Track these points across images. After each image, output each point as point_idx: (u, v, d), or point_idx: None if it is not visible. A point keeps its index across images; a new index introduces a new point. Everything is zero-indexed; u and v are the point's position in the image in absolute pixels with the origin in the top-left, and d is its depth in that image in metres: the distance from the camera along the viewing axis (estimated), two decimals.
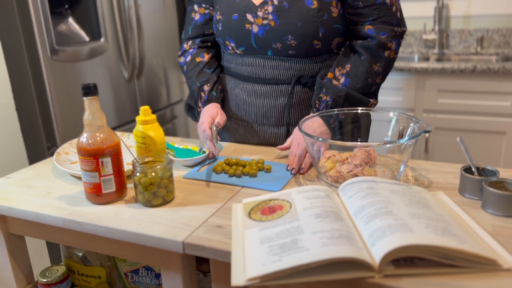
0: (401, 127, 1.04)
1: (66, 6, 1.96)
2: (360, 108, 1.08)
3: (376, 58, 1.12)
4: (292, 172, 1.01)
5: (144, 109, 0.96)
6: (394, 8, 1.11)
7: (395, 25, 1.12)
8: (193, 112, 1.31)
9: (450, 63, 2.15)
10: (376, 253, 0.64)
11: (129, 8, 2.12)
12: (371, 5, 1.10)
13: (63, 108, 1.85)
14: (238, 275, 0.65)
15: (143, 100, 2.38)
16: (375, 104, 1.16)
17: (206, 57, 1.30)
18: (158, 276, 1.06)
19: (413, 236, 0.64)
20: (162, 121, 2.55)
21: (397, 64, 2.23)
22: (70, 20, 1.99)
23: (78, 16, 2.00)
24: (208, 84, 1.25)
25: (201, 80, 1.27)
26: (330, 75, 1.15)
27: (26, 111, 1.83)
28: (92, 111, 0.89)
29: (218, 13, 1.22)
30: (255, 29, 1.15)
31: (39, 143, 1.87)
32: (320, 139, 0.92)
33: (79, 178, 1.06)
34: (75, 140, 1.26)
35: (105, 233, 0.83)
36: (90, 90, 0.87)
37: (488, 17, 2.55)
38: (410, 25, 2.72)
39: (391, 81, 2.25)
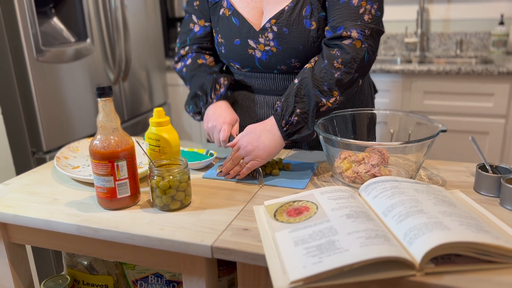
0: (410, 130, 1.06)
1: (51, 5, 1.89)
2: (349, 110, 1.08)
3: (331, 47, 1.02)
4: (218, 174, 1.02)
5: (158, 111, 0.93)
6: (361, 10, 1.00)
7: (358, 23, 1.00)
8: (196, 101, 1.19)
9: (435, 65, 2.20)
10: (415, 251, 0.64)
11: (116, 9, 2.06)
12: (335, 5, 1.02)
13: (49, 111, 1.78)
14: (279, 279, 0.64)
15: (128, 103, 2.33)
16: (338, 99, 1.01)
17: (209, 59, 1.24)
18: (168, 283, 1.03)
19: (451, 234, 0.65)
20: (146, 124, 2.50)
21: (383, 66, 2.27)
22: (55, 20, 1.92)
23: (63, 16, 1.93)
24: (226, 79, 1.19)
25: (217, 73, 1.19)
26: None
27: (10, 115, 1.75)
28: (106, 113, 0.85)
29: (220, 35, 1.18)
30: (258, 54, 1.13)
31: (24, 148, 1.79)
32: (338, 138, 0.92)
33: (84, 183, 1.02)
34: (73, 144, 1.22)
35: (125, 240, 0.80)
36: (104, 91, 0.84)
37: (466, 21, 2.64)
38: (392, 29, 2.78)
39: (378, 83, 2.28)
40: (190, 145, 1.26)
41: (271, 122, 1.01)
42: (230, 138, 1.07)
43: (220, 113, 1.12)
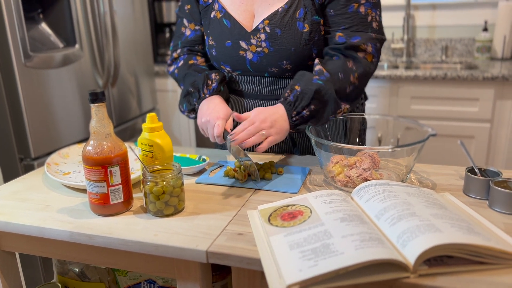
0: (399, 135, 1.08)
1: (39, 11, 1.88)
2: (346, 114, 1.10)
3: (348, 57, 1.06)
4: (231, 139, 0.97)
5: (151, 116, 0.93)
6: (369, 18, 1.06)
7: (370, 32, 1.07)
8: (189, 98, 1.19)
9: (422, 70, 2.24)
10: (409, 253, 0.65)
11: (105, 14, 2.06)
12: (343, 13, 1.07)
13: (37, 117, 1.76)
14: (275, 283, 0.64)
15: (116, 108, 2.31)
16: (346, 110, 1.09)
17: (200, 60, 1.25)
18: None
19: (444, 236, 0.66)
20: (135, 130, 2.49)
21: None
22: (43, 25, 1.90)
23: (51, 21, 1.91)
24: (217, 74, 1.18)
25: (208, 70, 1.20)
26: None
27: None
28: (99, 118, 0.85)
29: (211, 38, 1.18)
30: (249, 55, 1.14)
31: (11, 155, 1.76)
32: (331, 143, 0.93)
33: (76, 189, 1.01)
34: (63, 150, 1.21)
35: (119, 246, 0.79)
36: (97, 96, 0.84)
37: (451, 28, 2.69)
38: None
39: (366, 88, 2.31)
40: (182, 150, 1.26)
41: (281, 109, 1.03)
42: (225, 133, 1.05)
43: (214, 108, 1.10)
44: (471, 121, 2.22)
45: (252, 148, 1.04)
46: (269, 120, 0.99)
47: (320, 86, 1.02)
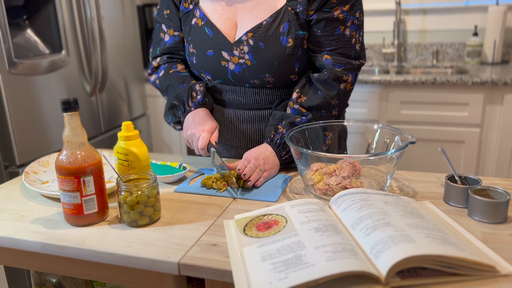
0: (386, 139, 1.06)
1: (24, 17, 1.86)
2: (329, 121, 1.10)
3: (332, 91, 1.09)
4: (243, 177, 0.99)
5: (127, 125, 0.92)
6: (353, 40, 1.08)
7: (353, 57, 1.09)
8: (174, 111, 1.20)
9: (411, 75, 2.23)
10: (381, 265, 0.64)
11: (92, 20, 2.04)
12: (330, 35, 1.07)
13: (22, 124, 1.75)
14: None
15: (105, 114, 2.30)
16: (330, 142, 1.12)
17: (180, 67, 1.24)
18: None
19: (417, 247, 0.65)
20: None
21: (361, 77, 2.30)
22: (29, 31, 1.89)
23: (37, 28, 1.90)
24: (201, 85, 1.18)
25: (190, 80, 1.20)
26: (290, 104, 1.11)
27: None
28: (72, 127, 0.83)
29: (191, 45, 1.17)
30: (231, 66, 1.13)
31: None
32: (309, 151, 0.92)
33: (53, 199, 0.99)
34: (43, 159, 1.19)
35: (91, 257, 0.78)
36: (70, 105, 0.82)
37: (442, 32, 2.69)
38: (370, 39, 2.81)
39: (356, 93, 2.31)
40: (165, 158, 1.25)
41: (268, 148, 1.08)
42: (209, 145, 1.06)
43: (199, 121, 1.11)
44: (461, 126, 2.21)
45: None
46: (261, 157, 1.04)
47: (303, 128, 1.08)
